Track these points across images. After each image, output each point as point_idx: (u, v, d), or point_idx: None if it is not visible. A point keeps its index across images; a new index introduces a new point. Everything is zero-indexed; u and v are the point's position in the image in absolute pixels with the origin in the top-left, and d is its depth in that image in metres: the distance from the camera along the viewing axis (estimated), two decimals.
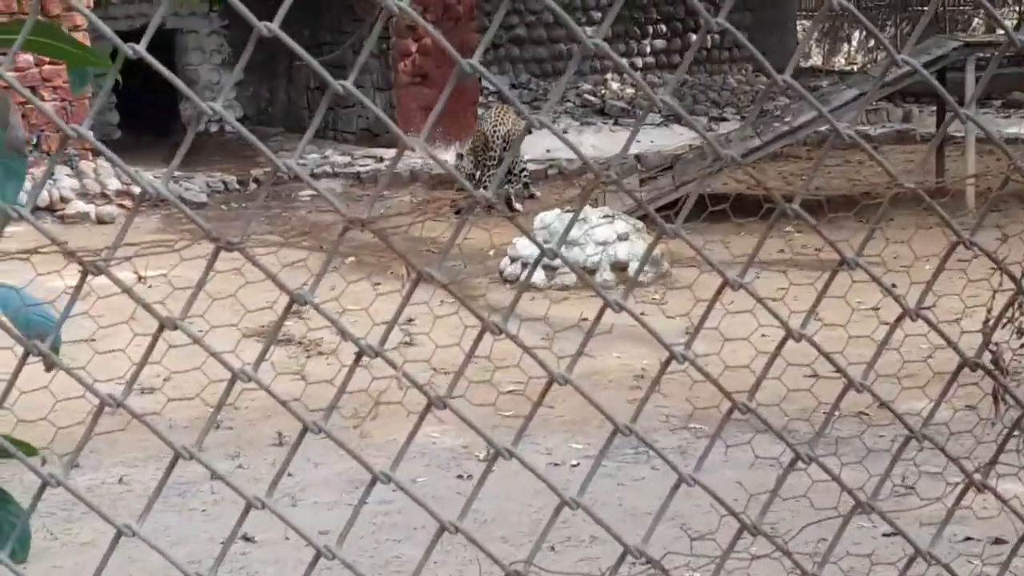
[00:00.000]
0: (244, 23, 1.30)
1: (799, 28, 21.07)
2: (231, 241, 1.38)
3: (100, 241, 10.74)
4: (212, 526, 5.64)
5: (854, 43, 22.83)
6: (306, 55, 1.44)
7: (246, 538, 5.44)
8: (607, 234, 9.61)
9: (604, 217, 9.68)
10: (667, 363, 1.74)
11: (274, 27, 1.38)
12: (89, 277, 1.31)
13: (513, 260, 9.87)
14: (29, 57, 13.57)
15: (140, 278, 1.78)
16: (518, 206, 12.73)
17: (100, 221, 12.45)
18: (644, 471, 6.28)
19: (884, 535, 5.01)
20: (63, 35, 1.57)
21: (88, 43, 1.68)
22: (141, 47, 1.28)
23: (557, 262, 8.40)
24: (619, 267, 9.62)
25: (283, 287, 1.42)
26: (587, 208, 10.47)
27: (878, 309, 3.25)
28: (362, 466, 1.55)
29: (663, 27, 18.95)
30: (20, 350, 1.31)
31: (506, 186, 12.76)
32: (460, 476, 6.22)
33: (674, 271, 9.60)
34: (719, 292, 1.77)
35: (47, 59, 14.40)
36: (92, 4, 13.43)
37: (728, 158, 1.72)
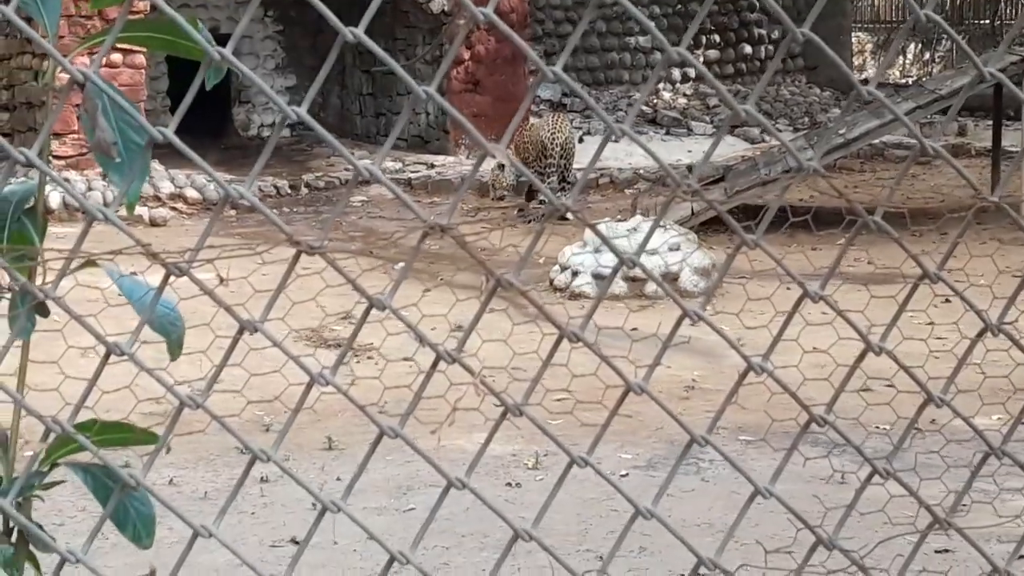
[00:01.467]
0: (298, 27, 1.31)
1: (854, 40, 20.94)
2: (312, 245, 1.39)
3: (153, 244, 10.77)
4: (262, 529, 5.64)
5: (909, 56, 22.68)
6: (392, 62, 1.44)
7: (294, 541, 5.45)
8: (658, 243, 9.57)
9: (657, 226, 9.66)
10: (745, 374, 1.74)
11: (359, 33, 1.40)
12: (172, 279, 1.33)
13: (563, 268, 9.85)
14: (85, 59, 13.67)
15: (222, 280, 1.78)
16: (569, 215, 12.70)
17: (153, 224, 12.52)
18: (694, 482, 6.24)
19: (936, 551, 4.95)
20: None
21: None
22: (227, 50, 1.30)
23: (608, 272, 8.39)
24: (670, 277, 9.58)
25: (363, 292, 1.43)
26: (637, 217, 10.44)
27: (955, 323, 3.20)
28: (439, 473, 1.55)
29: (716, 37, 18.90)
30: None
31: (560, 194, 12.76)
32: (509, 484, 6.19)
33: (724, 282, 9.56)
34: (798, 304, 1.76)
35: (104, 60, 14.48)
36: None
37: (810, 168, 1.73)
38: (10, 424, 1.71)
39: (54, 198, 12.54)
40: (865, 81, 1.67)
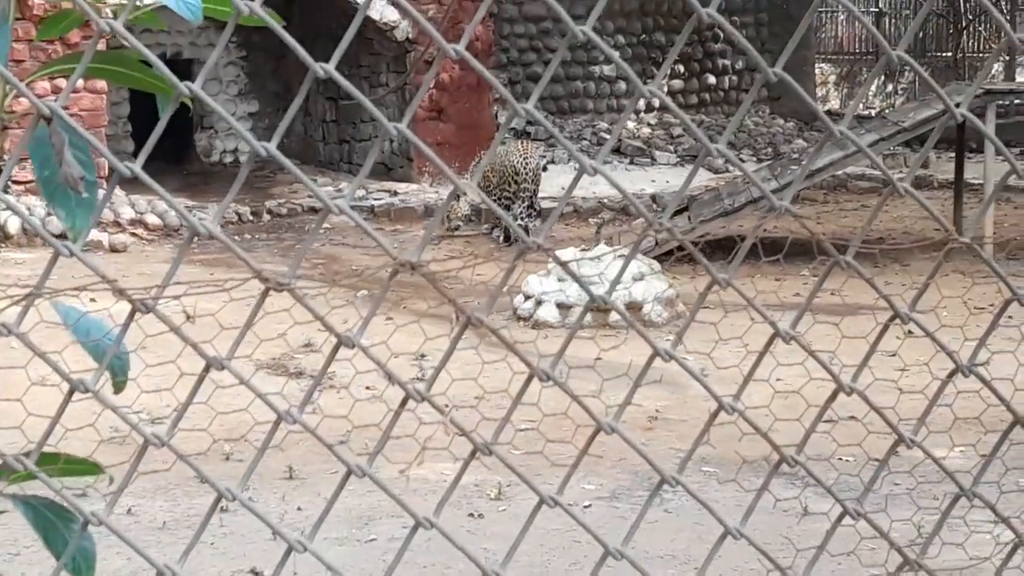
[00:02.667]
0: (261, 53, 1.31)
1: (817, 71, 21.06)
2: (281, 282, 1.38)
3: (113, 270, 10.71)
4: (221, 560, 5.59)
5: (872, 87, 22.83)
6: (362, 97, 1.44)
7: (253, 572, 5.40)
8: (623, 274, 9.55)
9: (620, 256, 9.64)
10: (715, 414, 1.73)
11: (330, 69, 1.39)
12: (137, 315, 1.32)
13: (527, 297, 9.83)
14: (46, 84, 13.60)
15: (188, 317, 1.79)
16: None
17: (113, 249, 12.43)
18: (657, 513, 6.22)
19: None
20: (132, 63, 1.60)
21: None
22: (197, 85, 1.30)
23: (572, 301, 8.32)
24: (634, 307, 9.58)
25: (332, 330, 1.43)
26: (601, 246, 10.42)
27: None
28: (407, 513, 1.53)
29: (681, 67, 18.96)
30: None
31: (526, 220, 12.75)
32: (471, 514, 6.16)
33: (688, 312, 9.55)
34: (770, 343, 1.76)
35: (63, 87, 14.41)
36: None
37: (782, 208, 1.72)
38: None
39: (12, 223, 12.45)
40: (830, 112, 1.68)
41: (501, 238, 12.82)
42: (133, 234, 12.73)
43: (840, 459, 6.19)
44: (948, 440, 3.44)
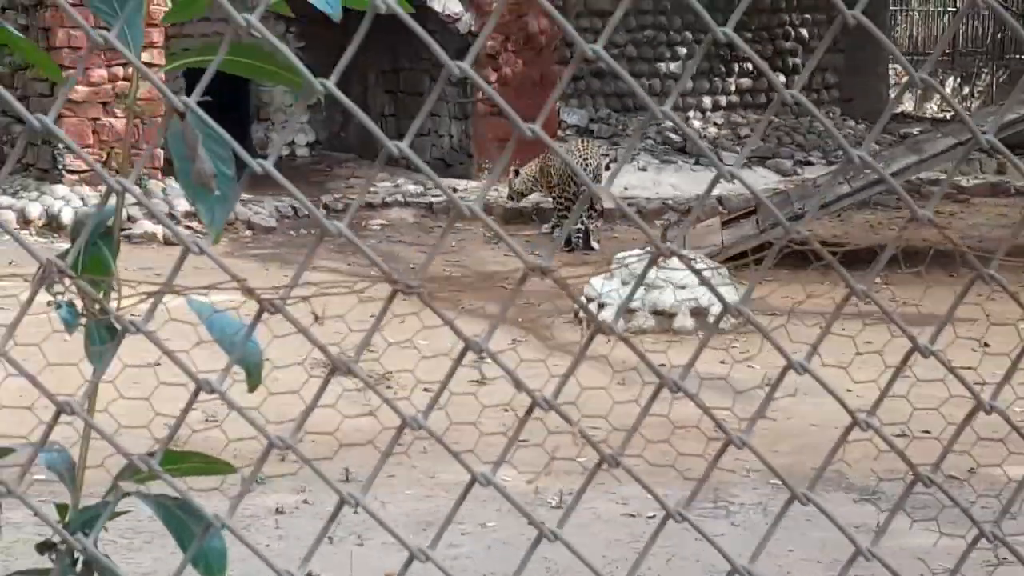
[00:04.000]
0: (320, 46, 1.29)
1: (891, 72, 20.67)
2: (410, 285, 1.40)
3: (167, 262, 10.57)
4: (277, 561, 5.42)
5: (948, 89, 22.43)
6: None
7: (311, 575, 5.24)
8: (687, 278, 9.32)
9: (691, 258, 9.39)
10: (849, 429, 1.69)
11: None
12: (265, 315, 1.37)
13: (590, 300, 9.60)
14: (103, 72, 13.47)
15: (317, 318, 1.79)
16: (595, 244, 12.47)
17: (167, 242, 12.31)
18: (723, 526, 6.11)
19: None
20: (264, 55, 1.63)
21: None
22: (331, 81, 1.42)
23: (636, 304, 7.94)
24: (699, 312, 9.33)
25: (460, 334, 1.46)
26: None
27: None
28: (532, 524, 1.56)
29: (749, 66, 18.66)
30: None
31: (587, 222, 12.48)
32: (543, 523, 5.98)
33: (756, 319, 9.31)
34: (907, 358, 1.71)
35: (120, 75, 14.33)
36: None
37: (924, 218, 1.63)
38: (78, 453, 1.75)
39: (66, 213, 12.29)
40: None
41: (562, 242, 12.49)
42: (188, 227, 12.54)
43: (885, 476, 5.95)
44: None
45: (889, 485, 5.99)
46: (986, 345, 6.38)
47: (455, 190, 14.64)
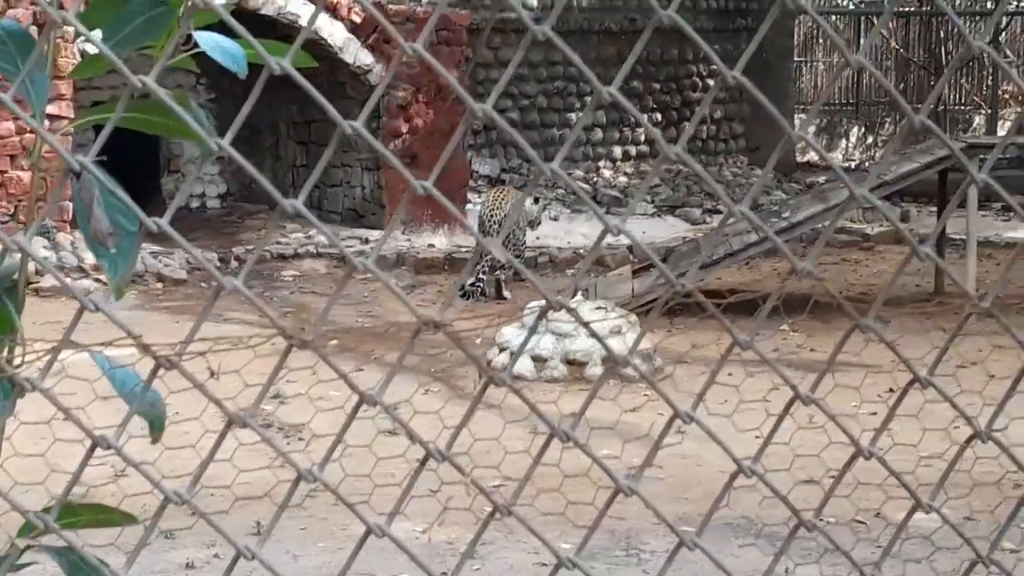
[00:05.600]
0: (230, 97, 1.31)
1: (797, 122, 20.99)
2: (304, 340, 1.39)
3: (71, 317, 10.43)
4: None
5: (852, 139, 22.78)
6: (397, 162, 1.38)
7: None
8: (599, 327, 9.38)
9: (597, 309, 9.44)
10: (734, 476, 1.73)
11: (358, 126, 1.41)
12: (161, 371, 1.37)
13: (501, 349, 9.62)
14: (10, 125, 13.35)
15: (212, 374, 1.81)
16: (507, 293, 12.50)
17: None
18: (634, 573, 6.11)
19: None
20: (163, 111, 1.64)
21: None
22: (226, 141, 1.38)
23: (547, 353, 7.98)
24: (611, 360, 9.37)
25: (355, 388, 1.46)
26: (578, 297, 10.25)
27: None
28: (425, 572, 1.54)
29: (658, 115, 18.86)
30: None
31: (498, 272, 12.50)
32: (444, 574, 5.99)
33: (666, 367, 9.39)
34: (789, 406, 1.74)
35: (27, 127, 14.20)
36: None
37: (804, 271, 1.69)
38: None
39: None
40: (809, 164, 1.59)
41: (458, 293, 12.44)
42: (98, 279, 12.44)
43: (841, 520, 6.03)
44: (966, 506, 3.35)
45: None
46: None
47: (366, 241, 14.65)
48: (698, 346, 8.53)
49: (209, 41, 1.60)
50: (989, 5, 23.28)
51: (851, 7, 23.29)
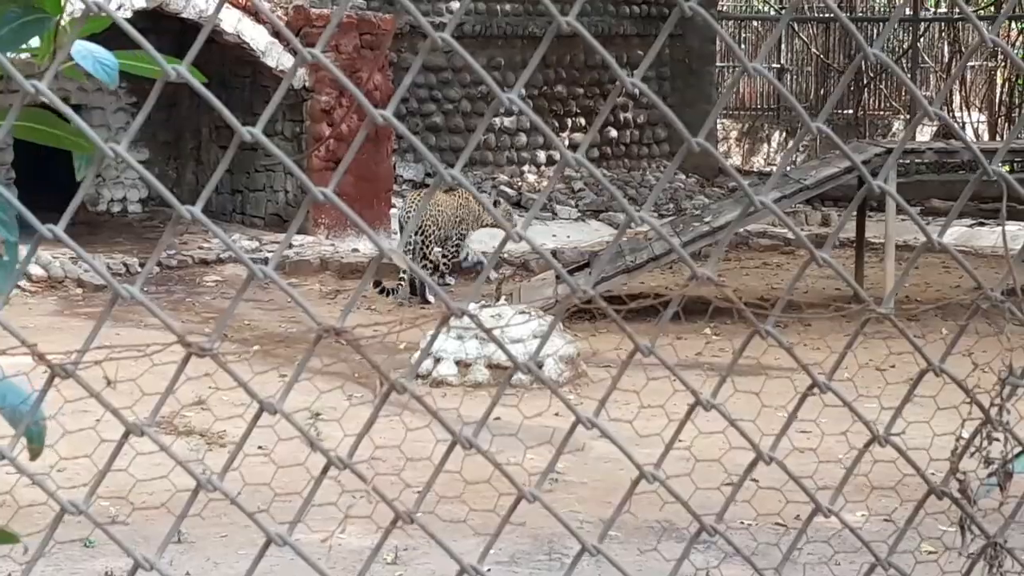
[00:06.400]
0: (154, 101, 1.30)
1: (719, 127, 21.12)
2: (204, 347, 1.38)
3: None
4: None
5: (774, 144, 22.97)
6: (292, 164, 1.41)
7: None
8: (523, 332, 9.39)
9: (521, 314, 9.45)
10: (637, 482, 1.75)
11: (257, 133, 1.36)
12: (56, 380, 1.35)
13: (426, 355, 9.60)
14: None
15: (109, 382, 1.80)
16: (431, 298, 12.51)
17: None
18: None
19: None
20: (55, 120, 1.59)
21: None
22: (122, 148, 1.36)
23: (471, 357, 8.01)
24: (535, 365, 9.40)
25: (254, 395, 1.45)
26: (501, 302, 10.25)
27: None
28: None
29: (582, 120, 18.92)
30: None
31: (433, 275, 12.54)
32: None
33: (590, 371, 9.42)
34: (690, 412, 1.75)
35: None
36: None
37: (704, 276, 1.74)
38: None
39: None
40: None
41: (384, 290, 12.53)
42: (16, 286, 12.29)
43: (740, 523, 6.07)
44: (865, 509, 3.39)
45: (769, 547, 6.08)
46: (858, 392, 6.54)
47: (290, 245, 14.58)
48: (619, 349, 8.55)
49: (82, 50, 1.56)
50: (909, 12, 23.57)
51: (772, 12, 23.48)
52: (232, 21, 14.18)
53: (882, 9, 24.46)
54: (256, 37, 14.44)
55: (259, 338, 9.47)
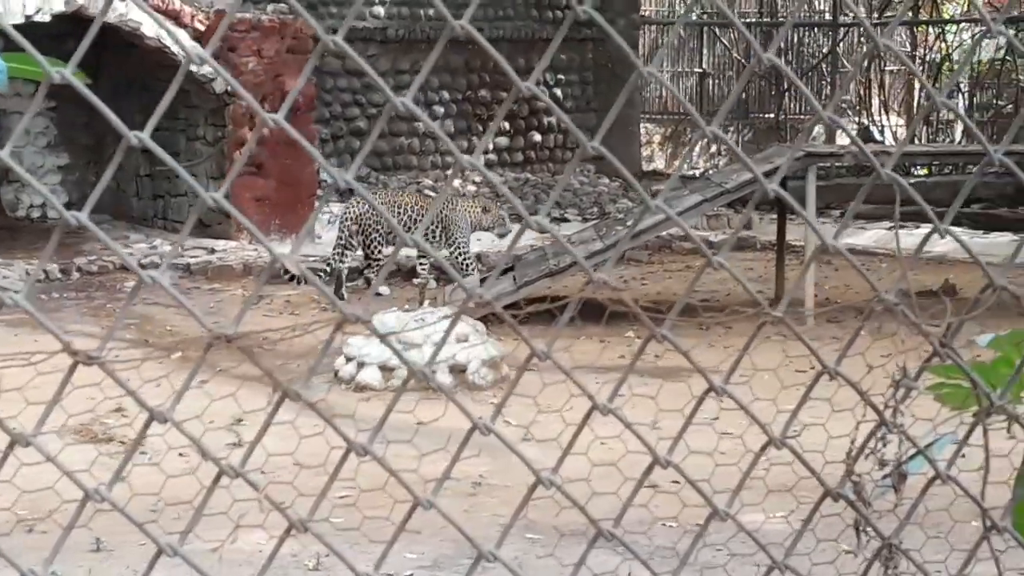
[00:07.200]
0: (71, 104, 1.30)
1: (642, 130, 21.21)
2: (91, 356, 1.37)
3: None
4: None
5: (697, 148, 23.11)
6: (179, 168, 1.37)
7: None
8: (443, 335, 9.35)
9: (444, 318, 9.44)
10: (534, 487, 1.81)
11: (144, 137, 1.52)
12: None
13: (348, 359, 9.57)
14: None
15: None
16: (384, 289, 12.65)
17: None
18: None
19: None
20: None
21: None
22: (4, 154, 1.15)
23: (393, 362, 7.96)
24: (458, 369, 9.39)
25: (143, 404, 1.45)
26: (425, 306, 10.24)
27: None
28: None
29: (506, 125, 18.93)
30: None
31: (367, 271, 12.58)
32: None
33: (512, 375, 9.41)
34: (587, 417, 1.78)
35: None
36: None
37: (600, 281, 1.71)
38: None
39: None
40: (655, 173, 1.63)
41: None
42: None
43: (665, 524, 6.10)
44: (762, 512, 3.42)
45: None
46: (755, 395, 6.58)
47: (212, 251, 14.48)
48: (543, 354, 8.55)
49: None
50: (828, 17, 23.79)
51: (693, 18, 23.62)
52: (153, 25, 14.07)
53: (803, 14, 24.67)
54: (177, 41, 14.33)
55: (183, 343, 9.37)
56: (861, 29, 23.50)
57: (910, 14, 22.92)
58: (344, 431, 1.60)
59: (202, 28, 14.36)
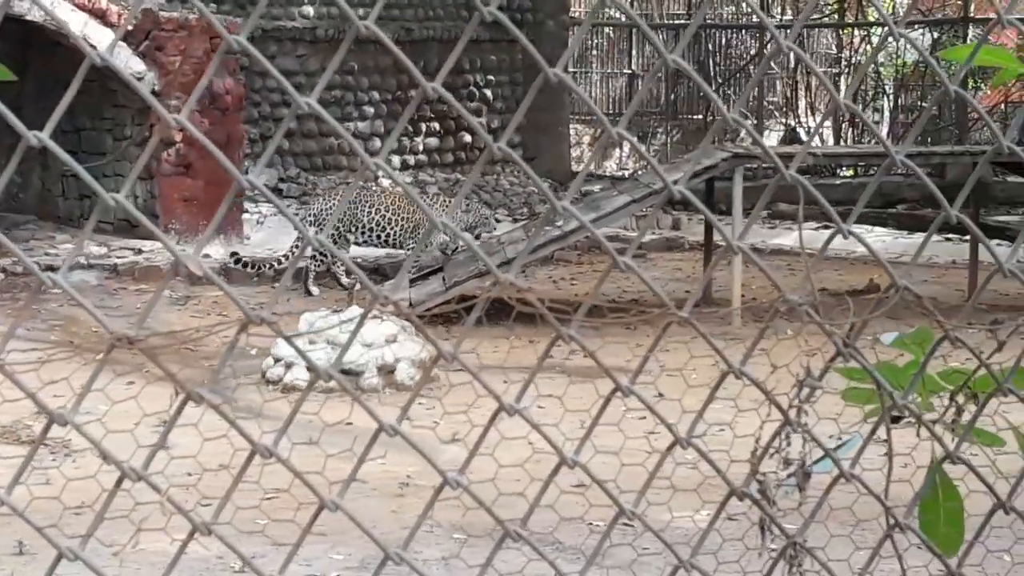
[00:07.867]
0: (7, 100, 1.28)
1: (572, 131, 21.27)
2: None
3: None
4: None
5: (626, 148, 23.20)
6: (81, 170, 1.33)
7: None
8: (374, 335, 9.37)
9: (372, 318, 9.42)
10: (440, 488, 1.80)
11: (43, 137, 1.35)
12: None
13: (276, 360, 9.54)
14: None
15: None
16: (314, 290, 12.63)
17: None
18: None
19: None
20: None
21: None
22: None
23: (322, 364, 7.87)
24: (386, 370, 9.39)
25: (44, 407, 1.41)
26: (354, 308, 10.23)
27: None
28: None
29: (436, 125, 18.92)
30: None
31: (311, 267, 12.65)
32: None
33: (442, 375, 9.42)
34: (493, 418, 1.79)
35: None
36: None
37: (507, 280, 1.71)
38: None
39: None
40: (551, 172, 1.65)
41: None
42: None
43: (591, 523, 6.12)
44: (668, 512, 3.46)
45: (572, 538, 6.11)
46: (661, 395, 6.62)
47: (139, 251, 14.37)
48: (472, 352, 8.56)
49: None
50: (754, 19, 23.97)
51: (623, 20, 23.73)
52: (79, 24, 13.95)
53: (729, 16, 24.85)
54: (103, 40, 14.20)
55: (66, 327, 9.30)
56: (786, 32, 23.69)
57: (836, 17, 23.16)
58: (259, 432, 1.59)
59: (130, 28, 14.26)
